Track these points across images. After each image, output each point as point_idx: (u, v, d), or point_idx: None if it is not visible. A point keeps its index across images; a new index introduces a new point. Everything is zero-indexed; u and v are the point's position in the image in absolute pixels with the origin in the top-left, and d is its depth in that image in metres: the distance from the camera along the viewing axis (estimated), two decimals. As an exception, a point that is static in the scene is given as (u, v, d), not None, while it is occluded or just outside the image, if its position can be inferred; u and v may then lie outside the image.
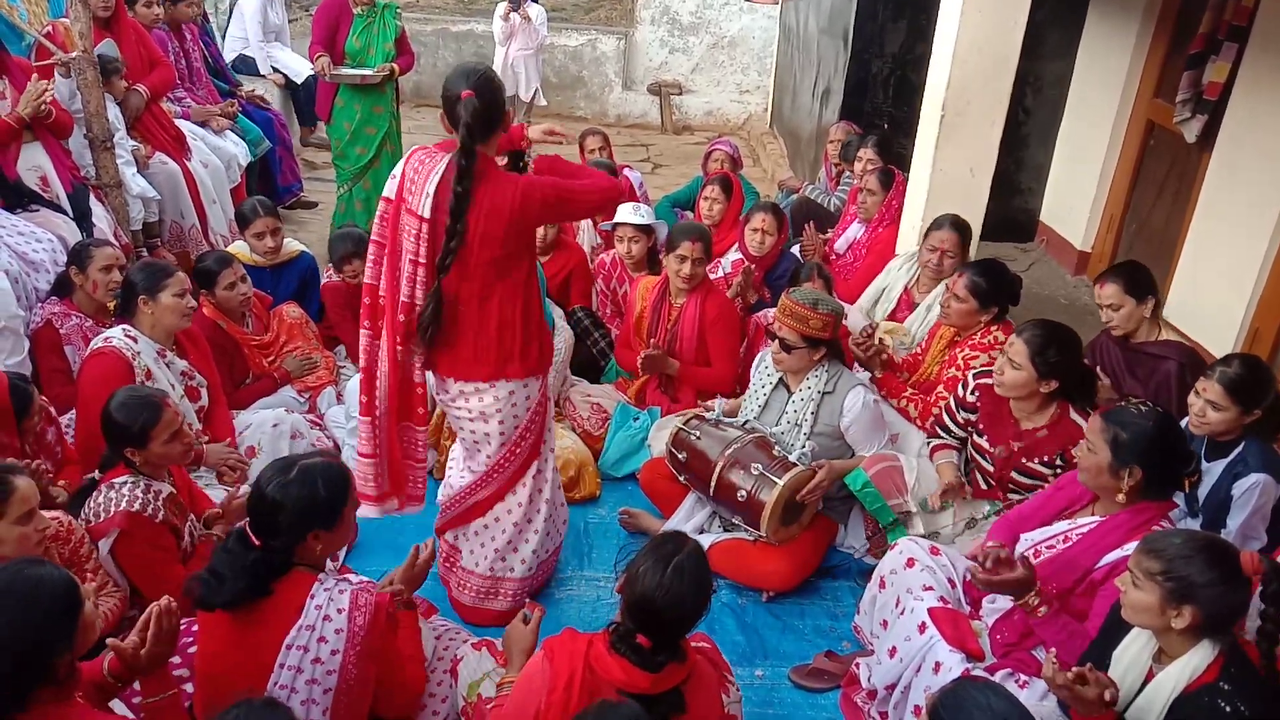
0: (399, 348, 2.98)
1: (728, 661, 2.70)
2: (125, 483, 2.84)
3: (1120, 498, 2.59)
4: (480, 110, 2.80)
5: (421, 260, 2.91)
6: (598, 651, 2.19)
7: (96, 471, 2.96)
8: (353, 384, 4.14)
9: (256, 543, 2.32)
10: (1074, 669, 2.17)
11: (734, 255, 5.00)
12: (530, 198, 2.85)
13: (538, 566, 3.36)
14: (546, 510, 3.30)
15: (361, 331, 3.02)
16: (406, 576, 2.68)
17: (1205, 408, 3.00)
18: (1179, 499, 2.89)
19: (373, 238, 2.98)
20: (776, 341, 3.54)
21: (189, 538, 3.00)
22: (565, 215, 3.00)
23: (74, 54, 4.53)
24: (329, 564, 2.54)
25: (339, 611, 2.33)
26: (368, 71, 5.77)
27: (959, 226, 4.18)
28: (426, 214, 2.84)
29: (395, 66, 5.86)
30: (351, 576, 2.90)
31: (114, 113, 4.91)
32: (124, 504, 2.79)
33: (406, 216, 2.89)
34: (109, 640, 2.16)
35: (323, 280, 4.81)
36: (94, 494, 2.85)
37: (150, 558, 2.83)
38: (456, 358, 3.02)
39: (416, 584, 2.72)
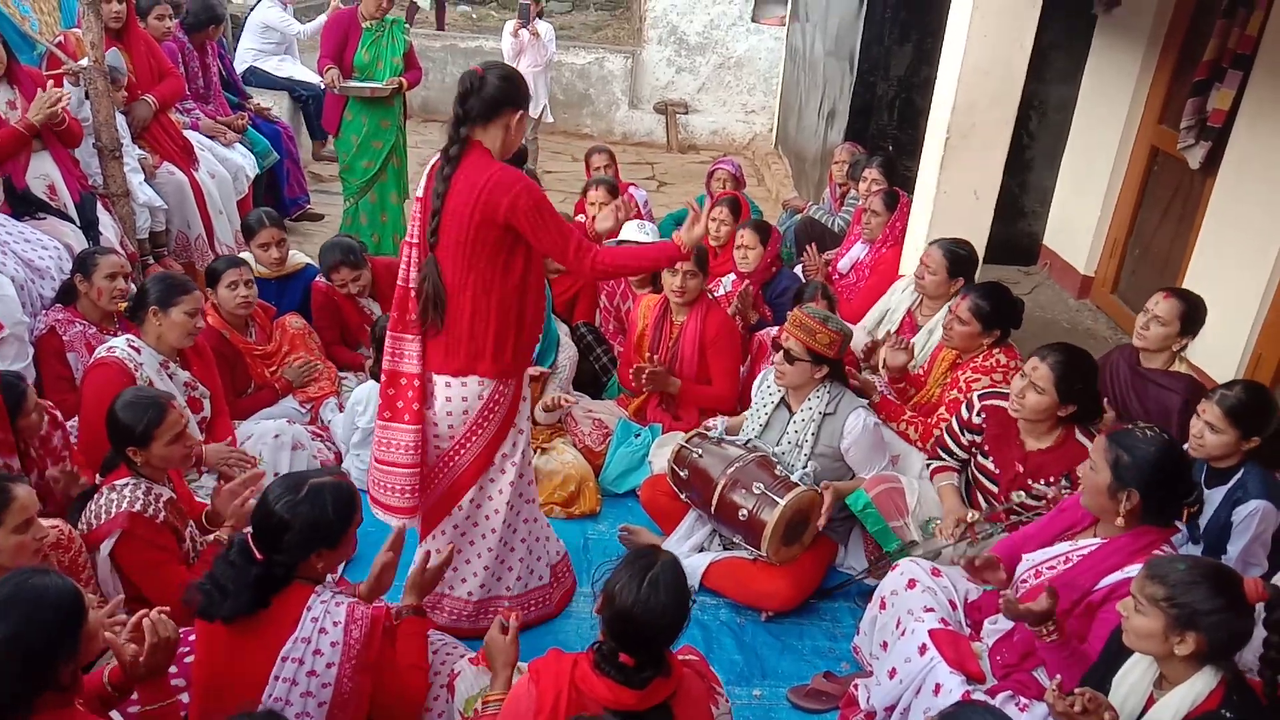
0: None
1: (716, 674, 2.68)
2: (126, 484, 2.85)
3: (1119, 521, 2.58)
4: (486, 89, 2.79)
5: (413, 240, 2.94)
6: (583, 671, 2.18)
7: (97, 477, 2.96)
8: (357, 393, 4.14)
9: (259, 557, 2.32)
10: (1075, 692, 2.16)
11: (734, 275, 5.01)
12: (503, 189, 2.78)
13: (480, 597, 3.29)
14: (494, 551, 3.21)
15: (407, 338, 3.03)
16: (416, 581, 2.67)
17: (1204, 429, 3.00)
18: (1180, 525, 2.88)
19: (406, 240, 3.00)
20: (781, 353, 3.54)
21: (189, 543, 3.00)
22: (536, 230, 2.81)
23: (85, 63, 4.55)
24: (327, 575, 2.53)
25: (335, 624, 2.32)
26: (376, 85, 5.80)
27: (947, 248, 4.20)
28: (420, 193, 2.91)
29: (403, 80, 5.90)
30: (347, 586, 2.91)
31: (119, 121, 4.94)
32: (125, 504, 2.80)
33: (415, 203, 2.96)
34: (107, 635, 2.15)
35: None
36: (95, 496, 2.86)
37: (152, 558, 2.83)
38: (433, 347, 3.01)
39: (427, 590, 2.72)
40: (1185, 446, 3.02)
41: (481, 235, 2.83)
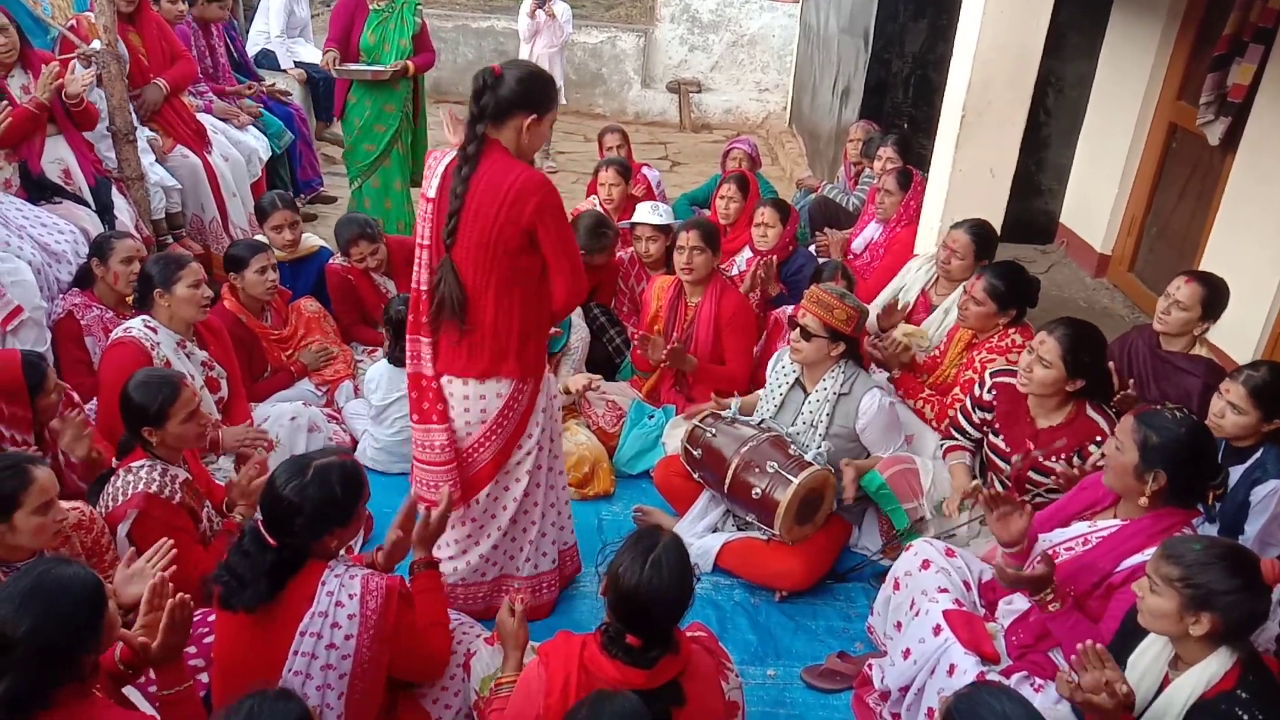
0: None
1: (727, 650, 2.70)
2: (142, 466, 2.87)
3: (1143, 501, 2.57)
4: (500, 88, 2.74)
5: (425, 243, 2.90)
6: (591, 653, 2.20)
7: (114, 460, 2.98)
8: (370, 372, 4.16)
9: (272, 542, 2.33)
10: (1088, 676, 2.16)
11: (749, 253, 4.99)
12: (530, 192, 2.74)
13: (494, 575, 3.27)
14: (506, 532, 3.20)
15: (423, 340, 3.00)
16: (422, 533, 2.68)
17: (1226, 409, 2.97)
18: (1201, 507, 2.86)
19: (417, 240, 2.94)
20: (797, 329, 3.53)
21: (207, 523, 3.03)
22: (557, 237, 2.82)
23: (97, 46, 4.56)
24: (342, 553, 2.55)
25: (350, 597, 2.35)
26: (376, 68, 5.66)
27: (975, 232, 4.15)
28: (432, 194, 2.86)
29: (410, 64, 5.72)
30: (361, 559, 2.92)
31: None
32: (140, 486, 2.82)
33: (422, 203, 2.91)
34: (119, 631, 2.17)
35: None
36: (110, 479, 2.89)
37: (169, 537, 2.84)
38: (454, 351, 2.97)
39: (432, 540, 2.72)
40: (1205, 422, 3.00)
41: (505, 235, 2.79)
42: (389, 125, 5.83)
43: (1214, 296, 3.48)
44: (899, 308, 4.34)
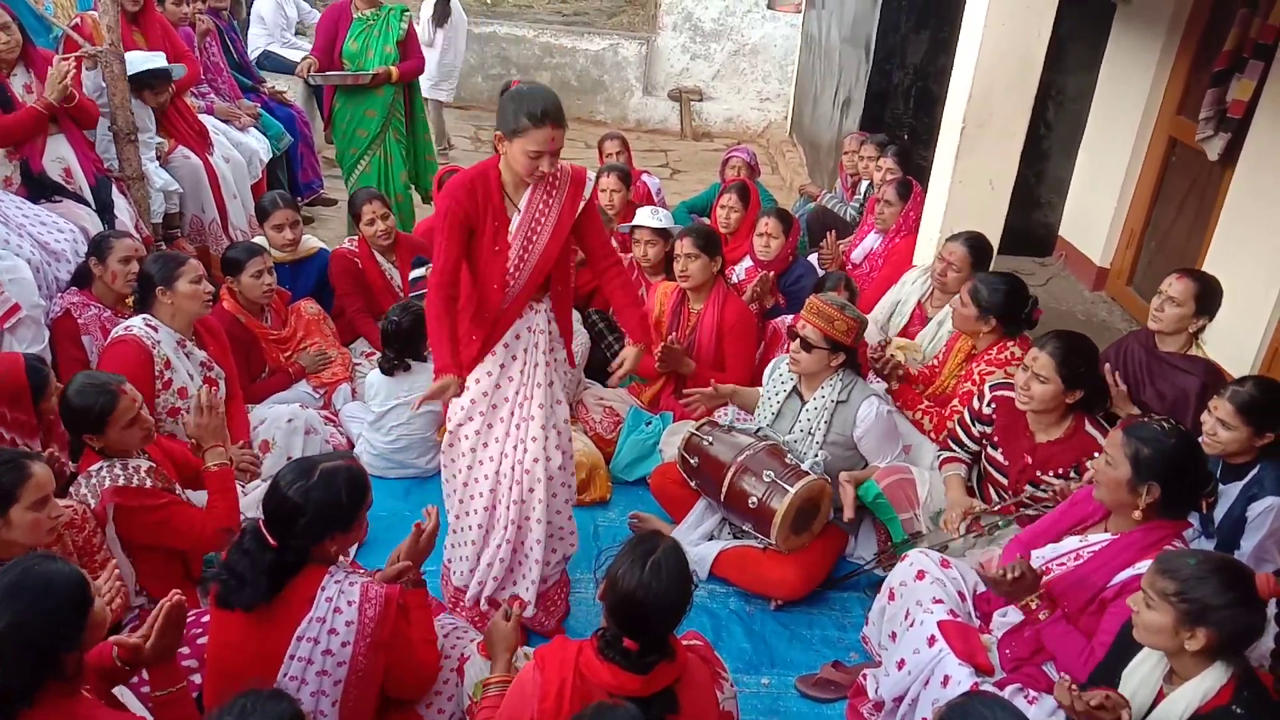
0: None
1: (722, 659, 2.70)
2: (100, 467, 2.85)
3: (1136, 515, 2.57)
4: (502, 101, 2.88)
5: None
6: (587, 657, 2.19)
7: (71, 464, 2.96)
8: (372, 377, 4.16)
9: (273, 543, 2.33)
10: (1094, 693, 2.15)
11: (749, 263, 4.99)
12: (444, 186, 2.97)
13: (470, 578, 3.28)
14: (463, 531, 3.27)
15: None
16: (412, 551, 2.68)
17: (1216, 426, 2.97)
18: (1193, 519, 2.86)
19: None
20: (797, 340, 3.53)
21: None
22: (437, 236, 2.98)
23: (101, 47, 4.56)
24: (340, 558, 2.55)
25: (349, 604, 2.35)
26: (350, 73, 5.63)
27: (972, 244, 4.15)
28: None
29: (393, 70, 5.65)
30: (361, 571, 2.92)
31: (148, 114, 5.00)
32: (106, 484, 2.80)
33: None
34: (114, 638, 2.17)
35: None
36: (73, 486, 2.85)
37: (159, 517, 2.84)
38: None
39: (422, 557, 2.72)
40: (1200, 439, 3.00)
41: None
42: (369, 130, 5.80)
43: (1206, 291, 3.48)
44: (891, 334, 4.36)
